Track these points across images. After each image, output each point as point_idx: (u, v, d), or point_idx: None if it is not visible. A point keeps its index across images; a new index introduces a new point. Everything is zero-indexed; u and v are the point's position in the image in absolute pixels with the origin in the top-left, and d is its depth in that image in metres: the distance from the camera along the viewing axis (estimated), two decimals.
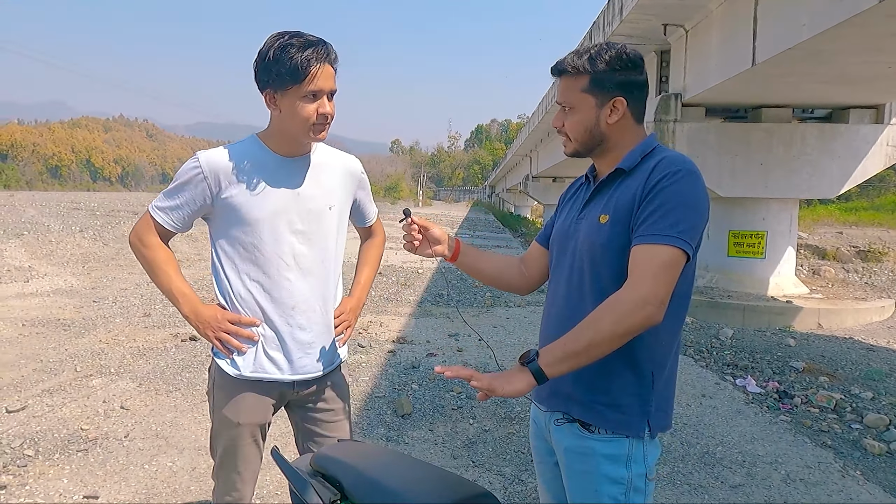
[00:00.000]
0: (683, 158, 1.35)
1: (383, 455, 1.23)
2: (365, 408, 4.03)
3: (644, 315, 1.21)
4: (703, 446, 3.56)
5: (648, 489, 1.38)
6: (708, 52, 8.51)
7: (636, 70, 1.39)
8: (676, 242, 1.24)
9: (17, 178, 78.08)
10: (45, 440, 3.32)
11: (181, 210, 1.64)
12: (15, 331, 5.85)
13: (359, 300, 1.91)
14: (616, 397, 1.34)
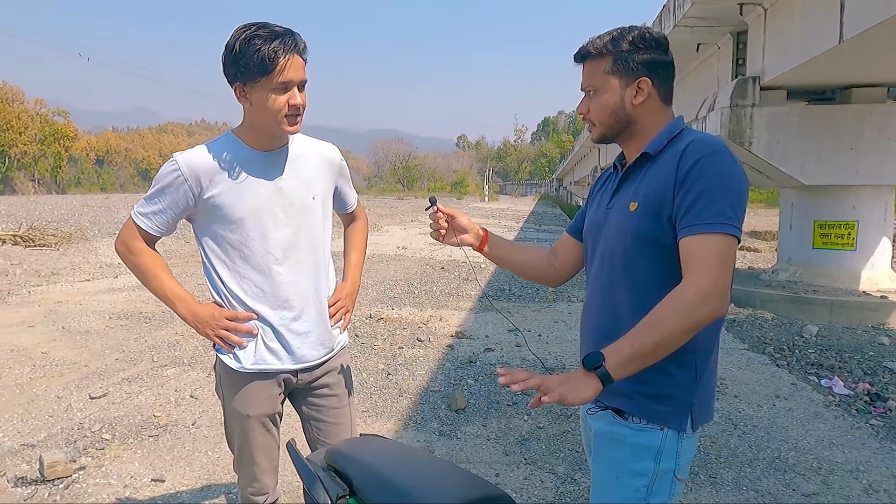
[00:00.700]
0: (714, 139, 1.29)
1: (399, 452, 1.22)
2: (419, 402, 4.05)
3: (710, 309, 1.18)
4: (775, 451, 3.34)
5: (675, 489, 1.31)
6: (789, 30, 7.97)
7: (661, 49, 1.35)
8: (728, 229, 1.20)
9: (113, 182, 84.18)
10: (121, 425, 3.55)
11: (164, 214, 1.64)
12: (102, 323, 6.30)
13: (353, 284, 1.92)
14: (659, 389, 1.29)
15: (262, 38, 1.48)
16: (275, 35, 1.50)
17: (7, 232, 12.92)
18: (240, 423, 1.72)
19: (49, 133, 66.49)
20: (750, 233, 22.89)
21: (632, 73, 1.33)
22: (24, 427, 3.52)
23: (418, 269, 10.64)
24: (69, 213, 20.92)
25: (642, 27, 1.35)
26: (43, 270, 9.88)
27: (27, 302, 7.43)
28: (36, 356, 4.98)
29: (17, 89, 65.01)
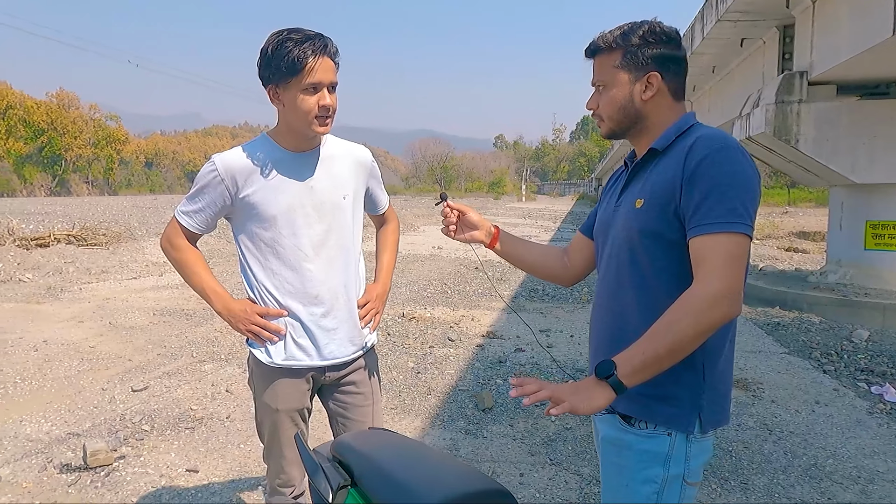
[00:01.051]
0: (722, 134, 1.25)
1: (402, 445, 1.25)
2: (447, 400, 4.08)
3: (722, 311, 1.15)
4: (811, 458, 3.23)
5: (686, 494, 1.30)
6: (838, 23, 7.69)
7: (672, 44, 1.32)
8: (739, 228, 1.17)
9: (161, 183, 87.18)
10: (160, 417, 3.69)
11: (203, 212, 1.73)
12: (147, 319, 6.55)
13: (384, 286, 1.96)
14: (665, 389, 1.26)
15: (293, 41, 1.54)
16: (305, 38, 1.56)
17: (62, 231, 13.54)
18: (270, 416, 1.77)
19: (102, 137, 69.39)
20: (798, 233, 22.09)
21: (641, 67, 1.31)
22: (71, 417, 3.70)
23: (452, 269, 10.67)
24: (119, 213, 21.80)
25: (653, 21, 1.33)
26: (93, 268, 10.32)
27: (78, 298, 7.78)
28: (84, 350, 5.22)
29: (72, 95, 68.10)
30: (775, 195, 45.29)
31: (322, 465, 1.12)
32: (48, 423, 3.60)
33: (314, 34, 1.58)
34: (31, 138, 61.88)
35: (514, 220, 25.69)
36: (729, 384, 1.34)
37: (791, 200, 41.23)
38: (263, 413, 1.80)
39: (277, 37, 1.57)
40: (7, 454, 3.16)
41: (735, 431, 3.59)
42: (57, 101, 65.83)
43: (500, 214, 29.91)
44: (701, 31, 11.65)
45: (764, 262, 14.74)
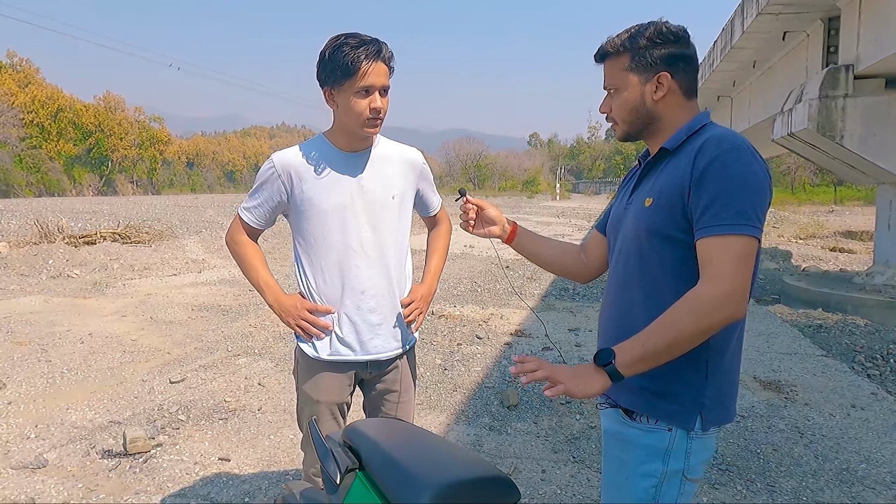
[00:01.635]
0: (733, 135, 1.25)
1: (410, 433, 1.30)
2: (473, 397, 4.12)
3: (727, 312, 1.16)
4: (843, 462, 3.16)
5: (685, 489, 1.32)
6: (887, 14, 7.43)
7: (680, 43, 1.33)
8: (747, 230, 1.18)
9: (201, 183, 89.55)
10: (195, 408, 3.84)
11: (262, 208, 1.83)
12: (185, 314, 6.78)
13: (429, 287, 1.99)
14: (667, 385, 1.28)
15: (349, 45, 1.62)
16: (360, 43, 1.63)
17: (108, 230, 14.09)
18: (310, 407, 1.86)
19: (146, 138, 71.69)
20: (844, 233, 21.34)
21: (650, 68, 1.32)
22: (113, 406, 3.88)
23: (483, 267, 10.70)
24: (162, 212, 22.54)
25: (659, 21, 1.34)
26: (136, 265, 10.71)
27: (122, 294, 8.10)
28: (126, 343, 5.45)
29: (119, 98, 70.52)
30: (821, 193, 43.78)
31: (332, 450, 1.18)
32: (92, 411, 3.79)
33: (370, 39, 1.64)
34: (80, 140, 64.36)
35: (547, 219, 25.53)
36: (734, 383, 1.35)
37: (837, 199, 39.81)
38: (304, 403, 1.88)
39: (335, 41, 1.65)
40: (54, 440, 3.35)
41: (765, 434, 3.53)
42: (104, 103, 68.31)
43: (533, 213, 29.74)
44: (741, 26, 11.38)
45: (808, 263, 14.31)
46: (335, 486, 1.13)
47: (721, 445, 3.37)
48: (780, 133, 10.08)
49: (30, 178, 53.73)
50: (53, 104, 61.49)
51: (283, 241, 13.00)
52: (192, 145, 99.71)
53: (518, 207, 34.58)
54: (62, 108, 62.49)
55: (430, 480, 1.03)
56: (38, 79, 63.55)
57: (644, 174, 1.40)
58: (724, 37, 13.02)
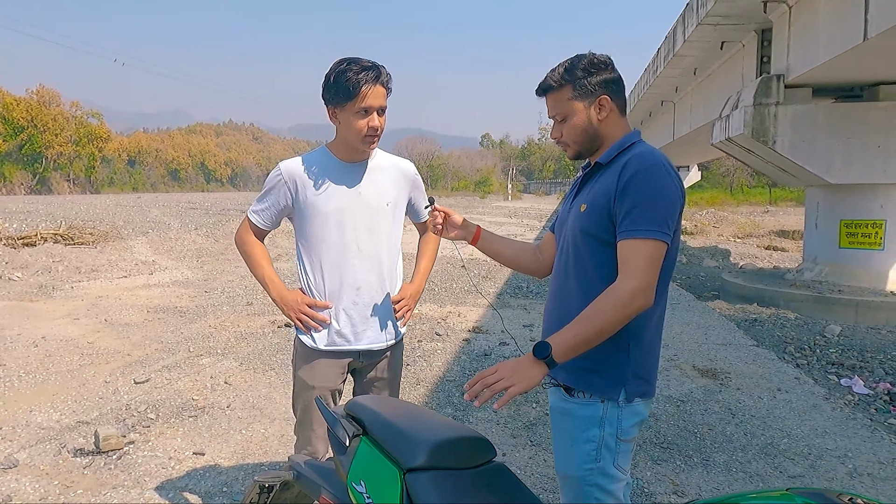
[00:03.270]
0: (652, 152, 1.49)
1: (403, 405, 1.51)
2: (435, 390, 4.33)
3: (639, 304, 1.40)
4: (768, 438, 3.53)
5: (621, 448, 1.53)
6: (814, 27, 7.99)
7: (609, 69, 1.56)
8: (658, 235, 1.42)
9: (144, 182, 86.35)
10: (164, 407, 3.90)
11: (269, 211, 2.03)
12: (141, 316, 6.72)
13: (418, 287, 2.20)
14: (596, 363, 1.51)
15: (352, 70, 1.82)
16: (362, 69, 1.82)
17: (48, 230, 13.57)
18: (305, 392, 2.04)
19: (83, 135, 68.57)
20: (777, 232, 22.66)
21: (591, 94, 1.54)
22: (78, 407, 3.89)
23: (439, 266, 10.92)
24: (104, 212, 21.74)
25: (589, 54, 1.56)
26: (83, 267, 10.41)
27: (71, 296, 7.91)
28: (83, 345, 5.39)
29: (53, 92, 67.18)
30: (757, 194, 46.06)
31: (340, 420, 1.37)
32: (57, 412, 3.79)
33: (370, 65, 1.84)
34: (11, 136, 61.03)
35: (500, 219, 26.01)
36: (653, 362, 1.58)
37: (772, 200, 41.99)
38: (300, 389, 2.06)
39: (339, 66, 1.85)
40: (22, 440, 3.36)
41: (701, 415, 3.89)
42: (37, 97, 64.98)
43: (486, 213, 30.21)
44: (682, 34, 11.95)
45: (745, 260, 15.18)
46: (345, 447, 1.32)
47: (662, 426, 3.70)
48: (719, 137, 10.66)
49: None
50: None
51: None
52: (133, 142, 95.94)
53: (471, 207, 35.01)
54: None
55: (424, 440, 1.23)
56: None
57: (583, 183, 1.64)
58: (668, 44, 13.65)
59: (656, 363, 1.59)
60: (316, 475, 1.49)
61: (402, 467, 1.24)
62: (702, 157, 27.39)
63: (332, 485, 1.41)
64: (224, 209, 24.99)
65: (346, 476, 1.32)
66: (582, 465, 1.52)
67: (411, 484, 1.20)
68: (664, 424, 3.73)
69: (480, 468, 1.29)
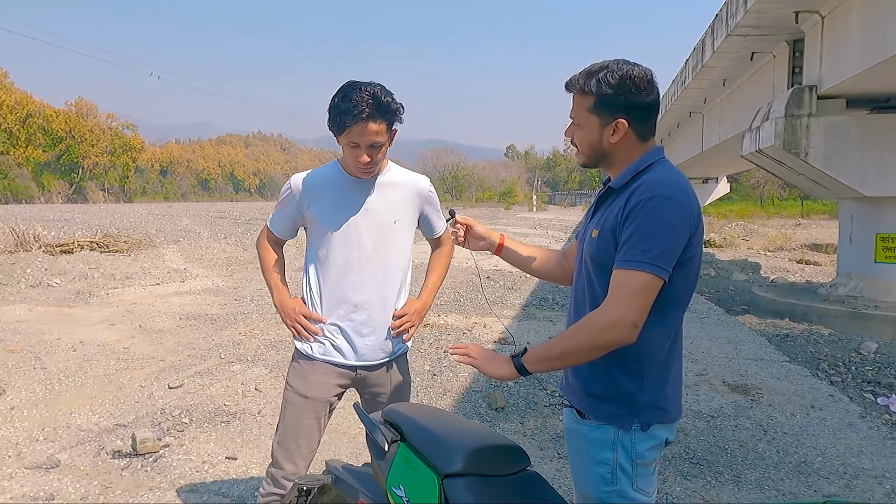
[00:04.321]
0: (663, 181, 1.41)
1: (437, 412, 1.54)
2: (461, 400, 4.35)
3: (614, 337, 1.34)
4: (801, 455, 3.47)
5: (637, 472, 1.46)
6: (848, 37, 7.87)
7: (641, 92, 1.45)
8: (647, 268, 1.34)
9: (175, 191, 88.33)
10: (197, 412, 4.00)
11: (284, 221, 2.09)
12: (174, 323, 6.88)
13: (424, 303, 2.18)
14: (606, 392, 1.47)
15: (341, 106, 1.79)
16: (353, 105, 1.78)
17: (85, 238, 13.98)
18: (296, 401, 2.00)
19: (118, 145, 70.61)
20: (810, 245, 22.16)
21: (610, 114, 1.45)
22: (116, 410, 4.01)
23: (465, 277, 10.95)
24: (136, 220, 22.33)
25: (626, 68, 1.43)
26: (118, 274, 10.71)
27: (106, 303, 8.14)
28: (119, 351, 5.55)
29: (91, 104, 69.44)
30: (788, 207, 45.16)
31: (379, 425, 1.41)
32: (95, 415, 3.92)
33: (368, 99, 1.78)
34: (50, 146, 63.16)
35: (525, 231, 25.95)
36: (673, 389, 1.50)
37: (804, 212, 41.14)
38: (290, 397, 2.01)
39: (338, 94, 1.83)
40: (63, 442, 3.48)
41: (732, 431, 3.83)
42: (76, 109, 67.21)
43: (511, 224, 30.17)
44: (711, 45, 11.85)
45: (776, 274, 14.89)
46: (383, 453, 1.36)
47: (692, 441, 3.65)
48: (749, 149, 10.52)
49: None
50: (22, 109, 60.30)
51: None
52: (165, 153, 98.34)
53: (496, 218, 35.00)
54: (31, 114, 61.31)
55: (462, 446, 1.27)
56: (7, 83, 62.23)
57: (599, 204, 1.57)
58: (696, 56, 13.55)
59: (677, 392, 1.52)
60: (353, 479, 1.53)
61: (439, 473, 1.27)
62: (731, 169, 27.01)
63: (369, 489, 1.46)
64: (252, 218, 25.44)
65: (385, 480, 1.36)
66: (598, 487, 1.48)
67: (449, 489, 1.23)
68: (693, 440, 3.69)
69: (516, 476, 1.32)
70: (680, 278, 1.41)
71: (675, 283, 1.40)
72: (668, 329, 1.45)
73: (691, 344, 6.26)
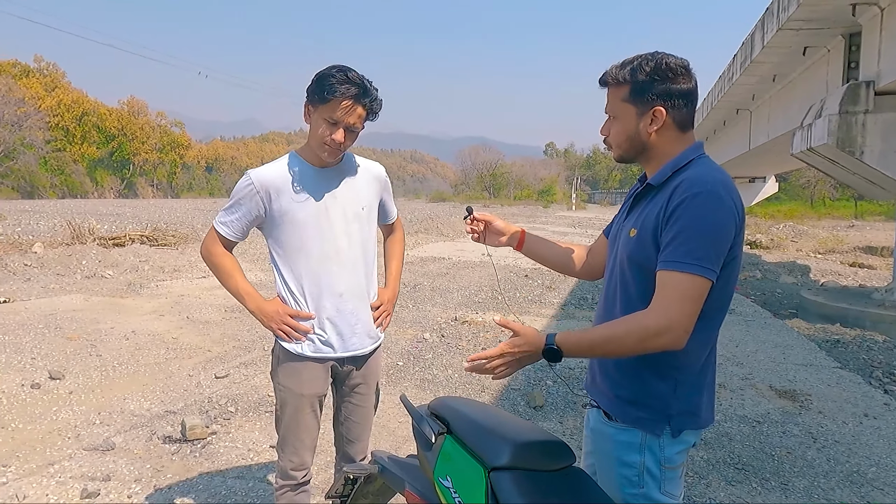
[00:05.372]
0: (706, 178, 1.35)
1: (482, 406, 1.56)
2: (500, 398, 4.36)
3: (666, 341, 1.29)
4: (854, 465, 3.34)
5: (666, 476, 1.43)
6: None
7: (678, 79, 1.41)
8: (697, 270, 1.29)
9: (220, 187, 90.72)
10: (242, 401, 4.12)
11: (239, 222, 1.95)
12: (219, 315, 7.09)
13: (393, 290, 2.19)
14: (637, 396, 1.43)
15: (336, 78, 1.78)
16: (346, 80, 1.78)
17: (136, 232, 14.53)
18: (294, 401, 1.97)
19: (167, 142, 73.00)
20: (864, 248, 21.24)
21: (647, 102, 1.40)
22: (166, 397, 4.17)
23: (502, 275, 10.92)
24: (183, 215, 23.06)
25: (661, 56, 1.41)
26: (166, 267, 11.09)
27: (156, 294, 8.45)
28: (168, 341, 5.76)
29: (142, 102, 71.97)
30: (841, 207, 43.37)
31: (426, 417, 1.43)
32: (147, 401, 4.08)
33: (358, 82, 1.80)
34: (103, 143, 65.73)
35: (563, 229, 25.70)
36: (707, 395, 1.46)
37: (858, 213, 39.46)
38: (287, 397, 1.98)
39: (329, 69, 1.82)
40: (117, 426, 3.63)
41: (779, 438, 3.72)
42: (128, 108, 69.77)
43: (549, 223, 29.93)
44: (761, 40, 11.50)
45: (826, 277, 14.32)
46: (430, 444, 1.39)
47: (737, 447, 3.57)
48: (800, 147, 10.18)
49: (54, 179, 54.97)
50: (78, 108, 62.90)
51: None
52: (211, 150, 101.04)
53: (534, 217, 34.79)
54: (87, 112, 63.89)
55: (508, 440, 1.28)
56: (64, 83, 65.06)
57: (636, 202, 1.52)
58: (744, 51, 13.15)
59: (710, 398, 1.48)
60: (399, 469, 1.56)
61: (486, 465, 1.29)
62: (779, 168, 26.12)
63: (415, 479, 1.48)
64: None
65: (432, 471, 1.38)
66: (624, 489, 1.45)
67: (496, 482, 1.25)
68: (738, 445, 3.60)
69: (561, 471, 1.32)
70: (723, 280, 1.36)
71: (720, 285, 1.35)
72: (709, 335, 1.41)
73: (736, 347, 6.11)
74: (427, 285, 9.67)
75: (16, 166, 49.05)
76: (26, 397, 4.07)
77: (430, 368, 5.09)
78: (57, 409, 3.87)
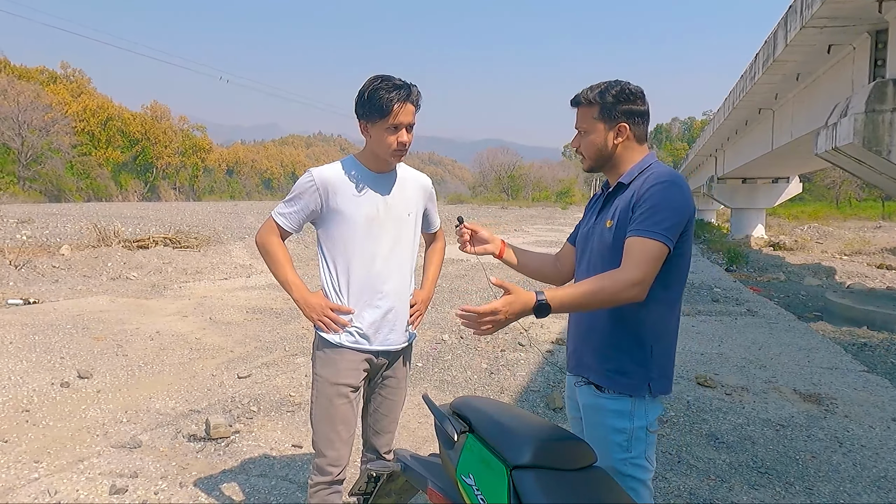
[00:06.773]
0: (669, 172, 1.68)
1: (504, 405, 1.58)
2: (519, 399, 4.35)
3: (633, 294, 1.55)
4: (881, 470, 3.28)
5: (649, 440, 1.70)
6: None
7: (638, 101, 1.73)
8: (662, 238, 1.57)
9: (240, 190, 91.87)
10: (264, 401, 4.17)
11: (296, 215, 2.07)
12: (241, 316, 7.19)
13: (428, 293, 2.32)
14: (623, 365, 1.68)
15: (384, 88, 1.92)
16: (393, 87, 1.92)
17: (159, 235, 14.78)
18: (328, 390, 2.03)
19: (189, 146, 74.16)
20: (891, 249, 20.78)
21: (614, 119, 1.71)
22: (190, 397, 4.24)
23: (521, 278, 10.90)
24: (205, 218, 23.39)
25: (624, 83, 1.73)
26: (189, 269, 11.26)
27: (179, 296, 8.59)
28: (192, 341, 5.86)
29: (165, 108, 73.23)
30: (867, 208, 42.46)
31: (448, 416, 1.45)
32: (172, 400, 4.16)
33: (402, 84, 1.95)
34: (127, 147, 67.02)
35: None
36: (671, 362, 1.74)
37: (885, 214, 38.59)
38: (322, 386, 2.05)
39: (373, 83, 1.95)
40: (144, 424, 3.71)
41: (804, 442, 3.67)
42: (151, 112, 71.05)
43: (568, 224, 29.74)
44: (784, 38, 11.34)
45: (852, 280, 14.04)
46: (452, 442, 1.40)
47: (760, 450, 3.52)
48: (824, 147, 10.01)
49: (80, 183, 56.15)
50: (104, 113, 64.23)
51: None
52: (232, 153, 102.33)
53: (552, 218, 34.61)
54: (111, 117, 65.20)
55: (530, 439, 1.29)
56: (90, 89, 66.49)
57: (606, 201, 1.79)
58: (767, 49, 12.97)
59: (673, 363, 1.76)
60: (422, 467, 1.58)
61: (508, 464, 1.30)
62: (803, 169, 25.65)
63: (438, 477, 1.50)
64: None
65: (454, 469, 1.40)
66: (615, 454, 1.65)
67: (518, 480, 1.26)
68: (762, 448, 3.56)
69: (584, 471, 1.33)
70: (679, 251, 1.64)
71: (678, 254, 1.63)
72: (673, 303, 1.69)
73: (759, 350, 6.02)
74: (445, 287, 9.69)
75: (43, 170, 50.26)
76: (56, 395, 4.18)
77: (449, 370, 5.11)
78: (85, 408, 3.97)
